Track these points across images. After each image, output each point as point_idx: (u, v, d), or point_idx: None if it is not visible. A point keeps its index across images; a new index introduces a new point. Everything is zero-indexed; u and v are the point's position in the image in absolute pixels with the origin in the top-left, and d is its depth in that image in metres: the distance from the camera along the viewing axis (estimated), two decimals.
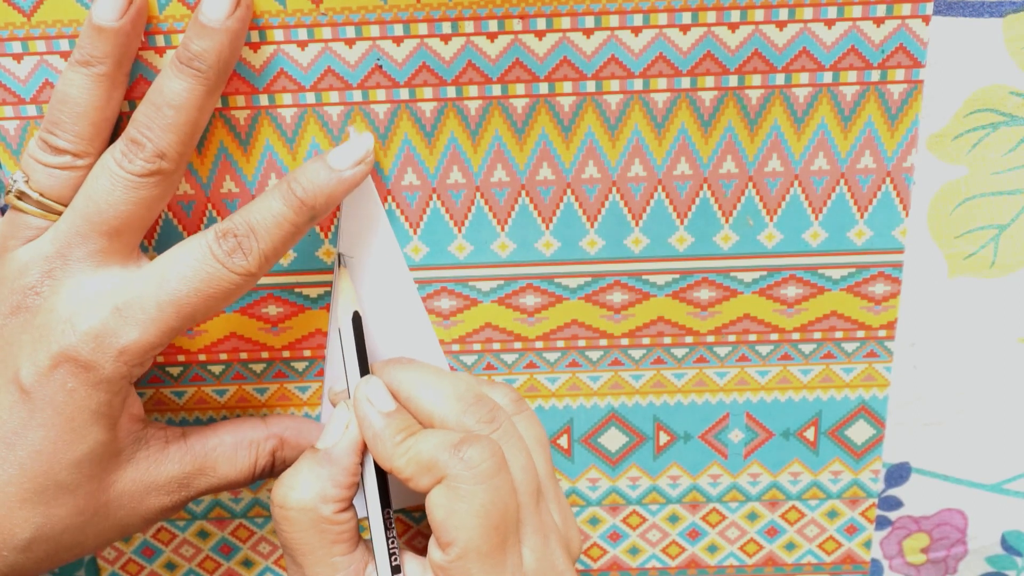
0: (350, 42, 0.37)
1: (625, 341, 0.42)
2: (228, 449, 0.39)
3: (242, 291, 0.36)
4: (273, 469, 0.40)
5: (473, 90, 0.37)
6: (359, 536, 0.37)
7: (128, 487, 0.37)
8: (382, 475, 0.37)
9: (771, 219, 0.39)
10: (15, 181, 0.35)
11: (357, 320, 0.38)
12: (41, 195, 0.35)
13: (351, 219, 0.39)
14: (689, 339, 0.42)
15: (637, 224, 0.39)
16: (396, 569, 0.36)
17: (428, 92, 0.37)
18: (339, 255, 0.39)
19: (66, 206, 0.35)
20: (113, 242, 0.35)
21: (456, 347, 0.42)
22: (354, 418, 0.37)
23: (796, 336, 0.41)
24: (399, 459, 0.35)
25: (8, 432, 0.35)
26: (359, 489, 0.37)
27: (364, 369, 0.38)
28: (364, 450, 0.37)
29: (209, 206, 0.39)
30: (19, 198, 0.35)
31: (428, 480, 0.35)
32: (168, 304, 0.35)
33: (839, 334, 0.41)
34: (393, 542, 0.36)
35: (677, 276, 0.40)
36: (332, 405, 0.41)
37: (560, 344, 0.42)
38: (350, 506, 0.36)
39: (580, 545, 0.39)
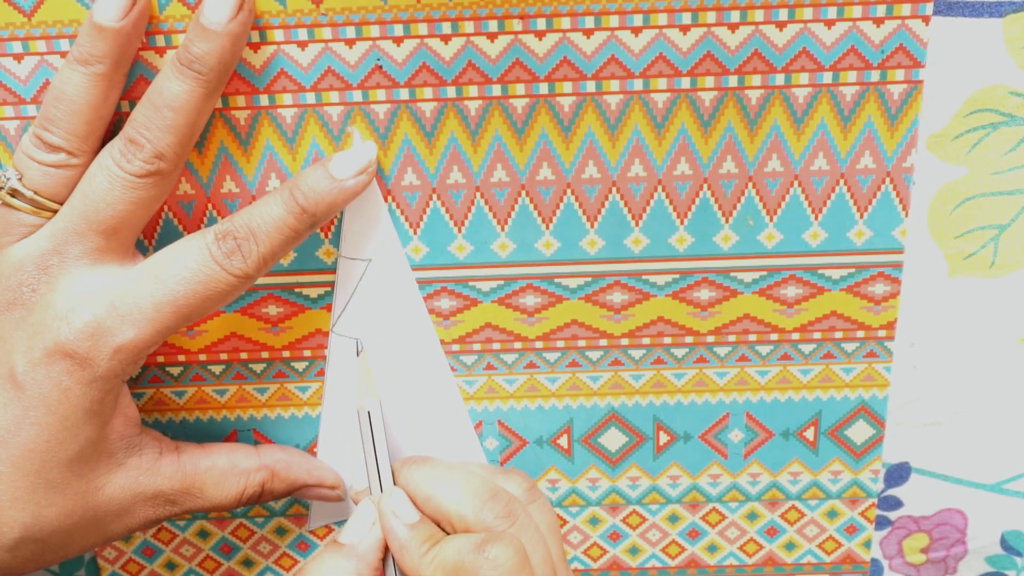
0: (350, 42, 0.37)
1: (625, 341, 0.42)
2: (218, 474, 0.39)
3: (238, 292, 0.36)
4: (260, 498, 0.41)
5: (473, 90, 0.37)
6: None
7: (117, 493, 0.37)
8: None
9: (771, 219, 0.39)
10: (8, 179, 0.35)
11: (376, 412, 0.38)
12: (35, 193, 0.35)
13: (354, 219, 0.39)
14: (689, 339, 0.42)
15: (637, 224, 0.39)
16: None
17: (428, 92, 0.37)
18: (357, 341, 0.40)
19: (60, 204, 0.35)
20: (110, 240, 0.35)
21: (456, 347, 0.42)
22: (378, 517, 0.38)
23: (796, 336, 0.41)
24: (426, 568, 0.36)
25: (1, 430, 0.35)
26: None
27: (383, 460, 0.38)
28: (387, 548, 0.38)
29: (209, 206, 0.39)
30: (12, 195, 0.35)
31: None
32: (165, 304, 0.35)
33: (839, 334, 0.41)
34: None
35: (677, 276, 0.40)
36: (354, 503, 0.42)
37: (560, 344, 0.42)
38: None
39: None
